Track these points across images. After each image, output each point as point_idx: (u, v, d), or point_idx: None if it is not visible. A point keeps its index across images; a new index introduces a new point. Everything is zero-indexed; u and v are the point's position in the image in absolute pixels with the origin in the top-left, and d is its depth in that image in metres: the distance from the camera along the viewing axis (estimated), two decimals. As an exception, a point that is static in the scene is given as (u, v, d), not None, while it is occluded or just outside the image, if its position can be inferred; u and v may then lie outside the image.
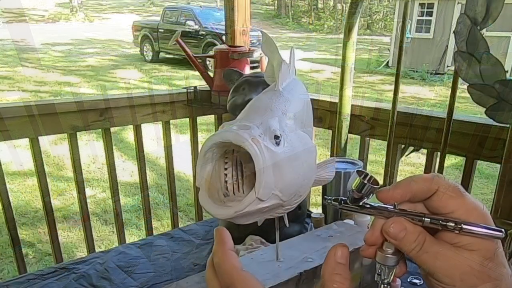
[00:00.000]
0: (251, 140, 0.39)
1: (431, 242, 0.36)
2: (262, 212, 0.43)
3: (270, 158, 0.40)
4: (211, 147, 0.42)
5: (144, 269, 1.12)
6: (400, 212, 0.37)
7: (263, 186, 0.40)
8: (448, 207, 0.36)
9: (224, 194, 0.44)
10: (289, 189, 0.43)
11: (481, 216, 0.35)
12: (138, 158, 1.83)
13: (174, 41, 1.72)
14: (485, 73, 1.01)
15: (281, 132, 0.43)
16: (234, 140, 0.40)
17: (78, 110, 1.59)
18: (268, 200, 0.41)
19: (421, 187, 0.37)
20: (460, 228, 0.34)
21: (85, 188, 1.72)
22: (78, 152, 1.65)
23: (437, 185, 0.36)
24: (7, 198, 1.52)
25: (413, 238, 0.36)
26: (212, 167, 0.44)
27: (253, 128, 0.41)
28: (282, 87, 0.55)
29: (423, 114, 1.37)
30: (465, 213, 0.35)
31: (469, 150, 1.27)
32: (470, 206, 0.36)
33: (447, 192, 0.36)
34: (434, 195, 0.36)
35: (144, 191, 1.88)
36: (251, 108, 0.50)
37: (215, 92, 1.85)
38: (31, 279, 1.05)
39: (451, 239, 0.36)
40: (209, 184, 0.43)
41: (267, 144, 0.41)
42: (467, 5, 1.03)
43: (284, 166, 0.42)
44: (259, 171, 0.39)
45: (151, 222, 1.96)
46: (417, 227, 0.36)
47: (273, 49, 0.58)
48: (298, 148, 0.46)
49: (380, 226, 0.37)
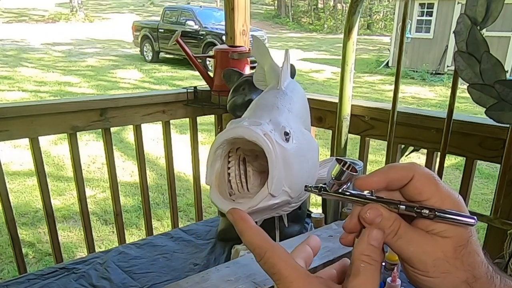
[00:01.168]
0: (264, 135, 0.39)
1: (406, 228, 0.37)
2: (271, 209, 0.43)
3: (281, 153, 0.40)
4: (222, 144, 0.42)
5: (144, 269, 1.12)
6: (377, 199, 0.38)
7: (275, 182, 0.40)
8: (423, 194, 0.36)
9: (230, 193, 0.44)
10: (296, 186, 0.44)
11: (455, 203, 0.36)
12: (138, 158, 1.83)
13: (174, 41, 1.72)
14: (485, 73, 1.01)
15: (289, 128, 0.44)
16: (247, 136, 0.39)
17: (78, 110, 1.59)
18: (278, 196, 0.41)
19: (397, 175, 0.37)
20: (434, 215, 0.35)
21: (85, 188, 1.72)
22: (78, 152, 1.65)
23: (413, 172, 0.37)
24: (7, 198, 1.52)
25: (389, 224, 0.36)
26: (221, 165, 0.44)
27: (264, 124, 0.41)
28: (284, 87, 0.55)
29: (423, 114, 1.37)
30: (439, 200, 0.36)
31: (469, 150, 1.27)
32: (444, 194, 0.36)
33: (422, 179, 0.36)
34: (409, 182, 0.37)
35: (144, 191, 1.88)
36: (258, 106, 0.50)
37: (215, 92, 1.85)
38: (31, 279, 1.05)
39: (426, 226, 0.36)
40: (218, 181, 0.43)
41: (278, 140, 0.41)
42: (467, 5, 1.03)
43: (293, 162, 0.42)
44: (272, 166, 0.39)
45: (151, 222, 1.96)
46: (392, 213, 0.37)
47: (264, 53, 0.58)
48: (304, 145, 0.46)
49: (357, 213, 0.38)
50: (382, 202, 0.38)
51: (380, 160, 4.38)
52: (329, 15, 25.70)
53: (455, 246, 0.35)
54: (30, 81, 8.62)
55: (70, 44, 13.97)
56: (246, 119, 0.43)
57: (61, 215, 3.24)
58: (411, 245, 0.36)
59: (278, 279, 0.35)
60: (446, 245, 0.35)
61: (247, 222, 0.38)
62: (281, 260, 0.35)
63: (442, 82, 10.02)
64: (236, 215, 0.39)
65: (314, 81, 9.90)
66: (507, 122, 1.03)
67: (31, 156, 1.55)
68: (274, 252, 0.35)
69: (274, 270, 0.35)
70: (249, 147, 0.40)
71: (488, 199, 3.73)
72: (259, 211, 0.42)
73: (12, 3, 22.11)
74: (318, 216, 1.15)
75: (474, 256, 0.36)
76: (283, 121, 0.44)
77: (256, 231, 0.37)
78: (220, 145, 0.42)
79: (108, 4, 26.15)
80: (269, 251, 0.35)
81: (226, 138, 0.41)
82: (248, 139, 0.39)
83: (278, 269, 0.35)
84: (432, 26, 11.37)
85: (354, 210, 0.40)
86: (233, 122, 0.43)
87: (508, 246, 1.00)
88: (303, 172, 0.45)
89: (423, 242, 0.36)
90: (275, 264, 0.35)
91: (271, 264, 0.35)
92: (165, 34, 10.96)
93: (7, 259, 2.68)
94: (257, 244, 0.36)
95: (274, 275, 0.35)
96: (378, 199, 0.38)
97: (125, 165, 4.27)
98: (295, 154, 0.43)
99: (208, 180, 0.43)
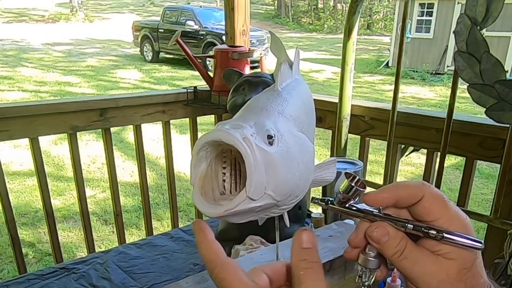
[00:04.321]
0: (242, 139, 0.39)
1: (412, 248, 0.37)
2: (255, 211, 0.43)
3: (262, 157, 0.40)
4: (203, 146, 0.42)
5: (144, 269, 1.12)
6: (384, 217, 0.38)
7: (254, 185, 0.40)
8: (432, 214, 0.36)
9: (221, 192, 0.44)
10: (283, 189, 0.43)
11: (463, 226, 0.36)
12: (138, 158, 1.83)
13: (174, 41, 1.72)
14: (485, 73, 1.01)
15: (275, 132, 0.43)
16: (225, 139, 0.40)
17: (78, 110, 1.59)
18: (260, 200, 0.41)
19: (407, 193, 0.37)
20: (441, 236, 0.35)
21: (85, 188, 1.72)
22: (78, 152, 1.65)
23: (423, 192, 0.37)
24: (7, 198, 1.52)
25: (395, 243, 0.36)
26: (207, 166, 0.44)
27: (245, 128, 0.41)
28: (281, 87, 0.55)
29: (423, 114, 1.37)
30: (448, 221, 0.36)
31: (469, 150, 1.27)
32: (453, 215, 0.36)
33: (432, 199, 0.36)
34: (419, 202, 0.37)
35: (144, 191, 1.88)
36: (247, 108, 0.50)
37: (215, 92, 1.85)
38: (31, 279, 1.05)
39: (432, 247, 0.36)
40: (202, 182, 0.43)
41: (259, 144, 0.41)
42: (467, 5, 1.03)
43: (277, 166, 0.42)
44: (249, 170, 0.39)
45: (151, 222, 1.96)
46: (399, 232, 0.37)
47: (280, 49, 0.58)
48: (294, 149, 0.46)
49: (364, 229, 0.38)
50: (389, 220, 0.37)
51: (380, 160, 4.38)
52: (329, 15, 25.70)
53: (460, 269, 0.35)
54: (30, 81, 8.62)
55: (70, 44, 13.97)
56: (230, 122, 0.44)
57: (61, 215, 3.24)
58: (416, 266, 0.36)
59: None
60: (450, 267, 0.35)
61: (204, 236, 0.37)
62: (230, 275, 0.34)
63: (442, 82, 10.02)
64: (196, 226, 0.38)
65: (314, 81, 9.90)
66: (507, 122, 1.03)
67: (31, 156, 1.55)
68: (224, 268, 0.34)
69: (222, 285, 0.34)
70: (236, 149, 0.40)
71: (488, 199, 3.73)
72: (240, 214, 0.42)
73: (12, 3, 22.10)
74: (318, 216, 1.15)
75: (478, 278, 0.36)
76: (268, 124, 0.44)
77: (210, 245, 0.36)
78: (202, 147, 0.42)
79: (108, 4, 26.14)
80: (218, 267, 0.35)
81: (205, 141, 0.41)
82: (226, 143, 0.40)
83: (225, 285, 0.34)
84: (432, 26, 11.37)
85: (360, 226, 0.39)
86: (219, 124, 0.43)
87: (508, 246, 1.00)
88: (291, 176, 0.44)
89: (428, 263, 0.36)
90: (223, 279, 0.34)
91: (220, 279, 0.34)
92: (165, 34, 10.96)
93: (7, 259, 2.68)
94: (208, 258, 0.36)
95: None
96: (386, 217, 0.38)
97: (125, 165, 4.27)
98: (280, 157, 0.43)
99: (192, 181, 0.43)
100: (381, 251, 0.38)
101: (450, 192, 3.74)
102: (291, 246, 0.35)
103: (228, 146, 0.41)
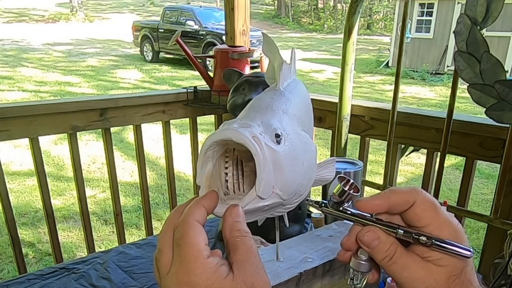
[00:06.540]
0: (252, 138, 0.39)
1: (402, 253, 0.37)
2: (262, 210, 0.43)
3: (271, 156, 0.40)
4: (211, 145, 0.42)
5: (144, 269, 1.12)
6: (376, 222, 0.39)
7: (264, 184, 0.40)
8: (423, 220, 0.37)
9: (225, 193, 0.44)
10: (289, 188, 0.43)
11: (454, 232, 0.36)
12: (138, 158, 1.83)
13: (174, 41, 1.72)
14: (485, 73, 1.01)
15: (281, 131, 0.43)
16: (235, 138, 0.39)
17: (78, 110, 1.59)
18: (268, 199, 0.41)
19: (399, 199, 0.38)
20: (431, 242, 0.35)
21: (85, 188, 1.72)
22: (78, 152, 1.65)
23: (414, 198, 0.37)
24: (7, 198, 1.52)
25: (385, 248, 0.37)
26: (213, 166, 0.43)
27: (254, 127, 0.41)
28: (283, 87, 0.55)
29: (423, 114, 1.37)
30: (438, 227, 0.36)
31: (469, 150, 1.27)
32: (443, 222, 0.37)
33: (423, 206, 0.37)
34: (410, 207, 0.37)
35: (144, 191, 1.88)
36: (252, 108, 0.50)
37: (215, 92, 1.85)
38: (31, 279, 1.05)
39: (422, 253, 0.37)
40: (209, 182, 0.43)
41: (267, 142, 0.41)
42: (467, 5, 1.03)
43: (284, 165, 0.42)
44: (259, 169, 0.39)
45: (151, 222, 1.96)
46: (390, 237, 0.37)
47: (274, 50, 0.58)
48: (299, 147, 0.46)
49: (356, 232, 0.39)
50: (380, 225, 0.38)
51: (380, 160, 4.38)
52: (329, 15, 25.70)
53: (449, 275, 0.36)
54: (30, 81, 8.62)
55: (70, 44, 13.97)
56: (237, 121, 0.43)
57: (61, 215, 3.24)
58: (405, 271, 0.37)
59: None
60: (439, 273, 0.36)
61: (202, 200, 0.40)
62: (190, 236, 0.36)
63: (442, 82, 10.02)
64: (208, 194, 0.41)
65: (315, 81, 9.90)
66: (507, 122, 1.03)
67: (31, 156, 1.55)
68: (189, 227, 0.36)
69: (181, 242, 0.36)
70: (243, 148, 0.40)
71: (488, 199, 3.73)
72: (249, 212, 0.42)
73: (12, 3, 22.11)
74: (318, 216, 1.15)
75: (467, 285, 0.36)
76: (275, 123, 0.44)
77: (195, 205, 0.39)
78: (210, 147, 0.42)
79: (108, 4, 26.14)
80: (185, 224, 0.37)
81: (214, 140, 0.41)
82: (236, 142, 0.40)
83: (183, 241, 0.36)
84: (432, 26, 11.37)
85: (353, 229, 0.40)
86: (226, 123, 0.43)
87: (508, 246, 1.00)
88: (296, 175, 0.45)
89: (417, 269, 0.36)
90: (183, 236, 0.36)
91: (180, 235, 0.36)
92: (165, 34, 10.96)
93: (7, 259, 2.68)
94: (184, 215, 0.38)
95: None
96: (377, 222, 0.39)
97: (125, 165, 4.27)
98: (287, 156, 0.43)
99: (198, 180, 0.43)
100: (372, 255, 0.38)
101: (450, 192, 3.74)
102: (222, 220, 0.39)
103: (234, 145, 0.41)
